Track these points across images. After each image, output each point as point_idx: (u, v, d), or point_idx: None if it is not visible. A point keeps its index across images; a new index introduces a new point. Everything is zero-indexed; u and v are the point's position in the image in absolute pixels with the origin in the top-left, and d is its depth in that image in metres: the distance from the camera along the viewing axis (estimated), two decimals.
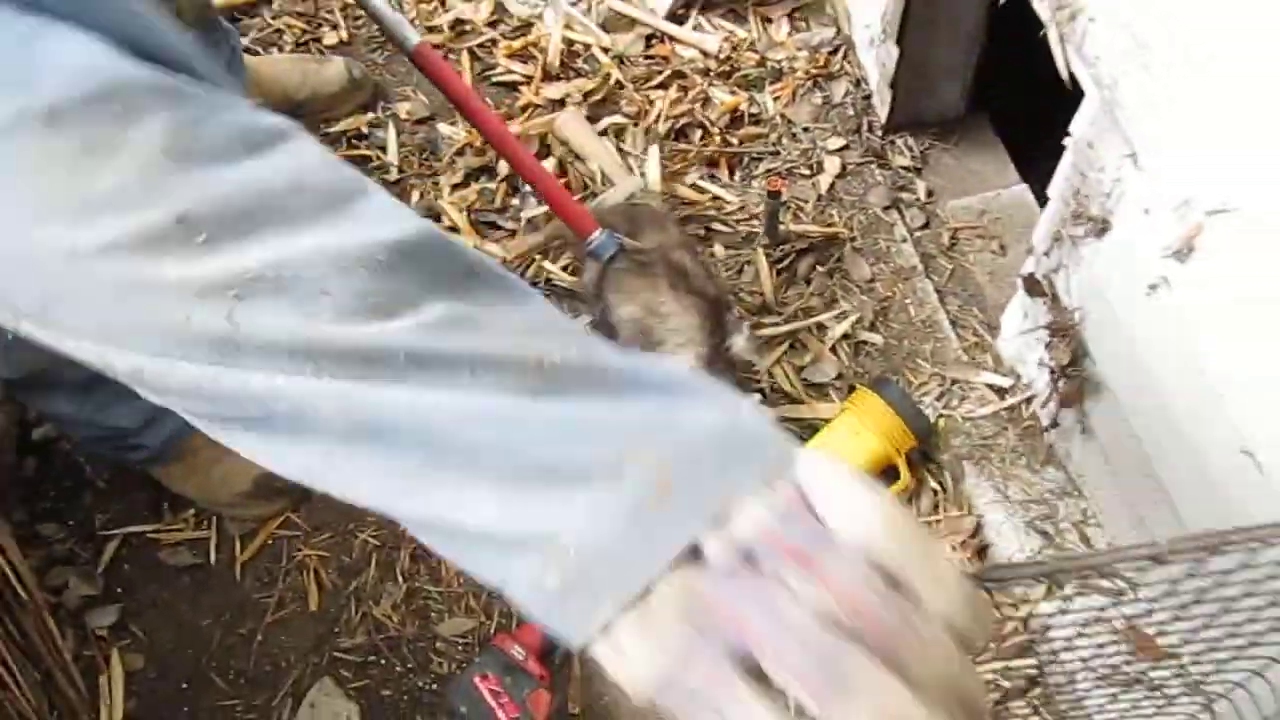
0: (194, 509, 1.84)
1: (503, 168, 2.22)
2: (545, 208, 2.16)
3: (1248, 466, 1.23)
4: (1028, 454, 1.76)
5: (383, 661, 1.69)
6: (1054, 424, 1.72)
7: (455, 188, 2.22)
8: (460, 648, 1.70)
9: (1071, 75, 1.43)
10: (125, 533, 1.81)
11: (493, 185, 2.20)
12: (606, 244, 1.72)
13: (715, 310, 1.74)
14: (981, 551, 1.72)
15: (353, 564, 1.79)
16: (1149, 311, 1.36)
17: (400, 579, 1.77)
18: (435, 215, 2.16)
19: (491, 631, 1.70)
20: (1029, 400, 1.79)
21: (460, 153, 2.25)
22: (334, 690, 1.66)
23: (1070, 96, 1.45)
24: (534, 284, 2.08)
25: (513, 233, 2.16)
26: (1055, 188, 1.54)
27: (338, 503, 0.55)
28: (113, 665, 1.69)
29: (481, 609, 1.73)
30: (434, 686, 1.67)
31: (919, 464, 1.80)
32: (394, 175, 2.25)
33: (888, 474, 1.76)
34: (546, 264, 2.10)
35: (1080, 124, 1.43)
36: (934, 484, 1.79)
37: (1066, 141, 1.47)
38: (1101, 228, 1.43)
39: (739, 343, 1.77)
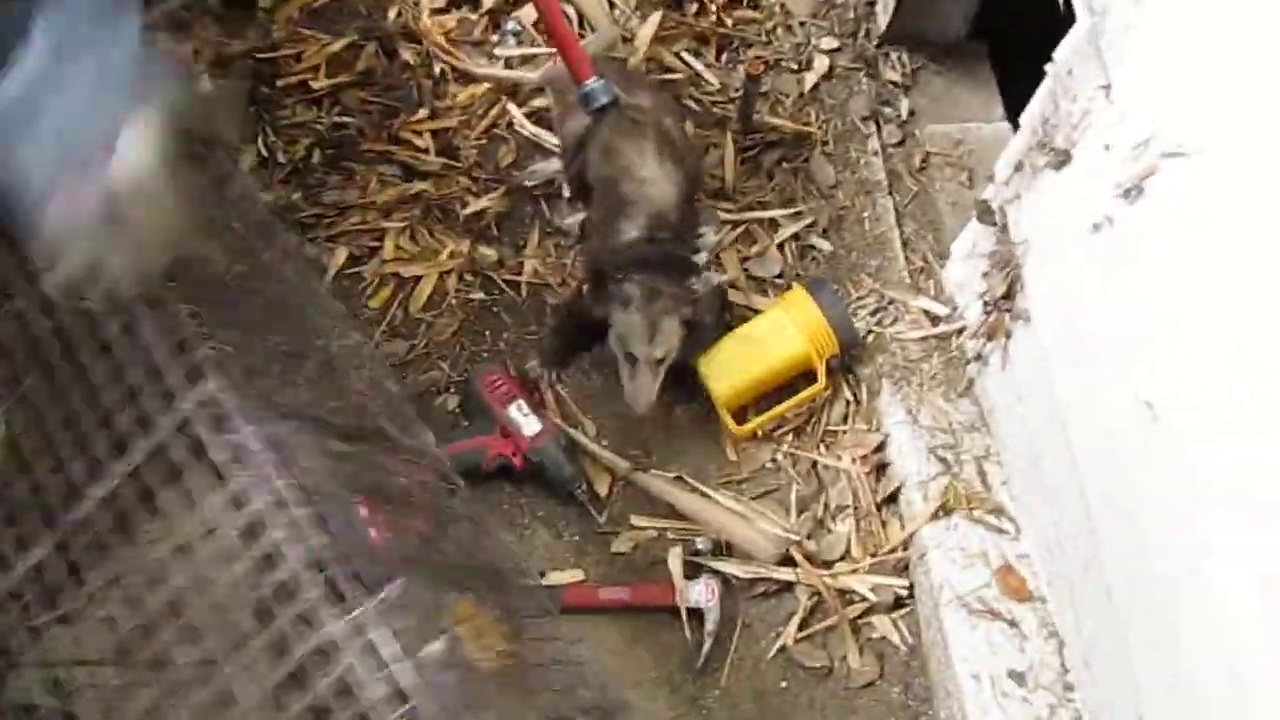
0: None
1: (487, 1, 2.14)
2: (522, 50, 2.10)
3: (1145, 417, 1.23)
4: (947, 383, 1.75)
5: None
6: (978, 357, 1.71)
7: (436, 11, 2.14)
8: None
9: (1068, 2, 1.39)
10: None
11: (474, 16, 2.12)
12: (600, 92, 1.66)
13: (691, 188, 1.71)
14: (881, 469, 1.72)
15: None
16: (1088, 250, 1.34)
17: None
18: (411, 34, 2.08)
19: None
20: (959, 331, 1.78)
21: None
22: None
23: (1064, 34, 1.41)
24: (494, 126, 2.03)
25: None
26: (1027, 115, 1.50)
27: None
28: None
29: None
30: None
31: (838, 372, 1.79)
32: None
33: (806, 376, 1.75)
34: (511, 107, 2.04)
35: (1064, 50, 1.39)
36: (849, 395, 1.78)
37: (1048, 68, 1.43)
38: (1062, 160, 1.40)
39: (709, 236, 1.74)
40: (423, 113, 1.99)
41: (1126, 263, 1.28)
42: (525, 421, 1.67)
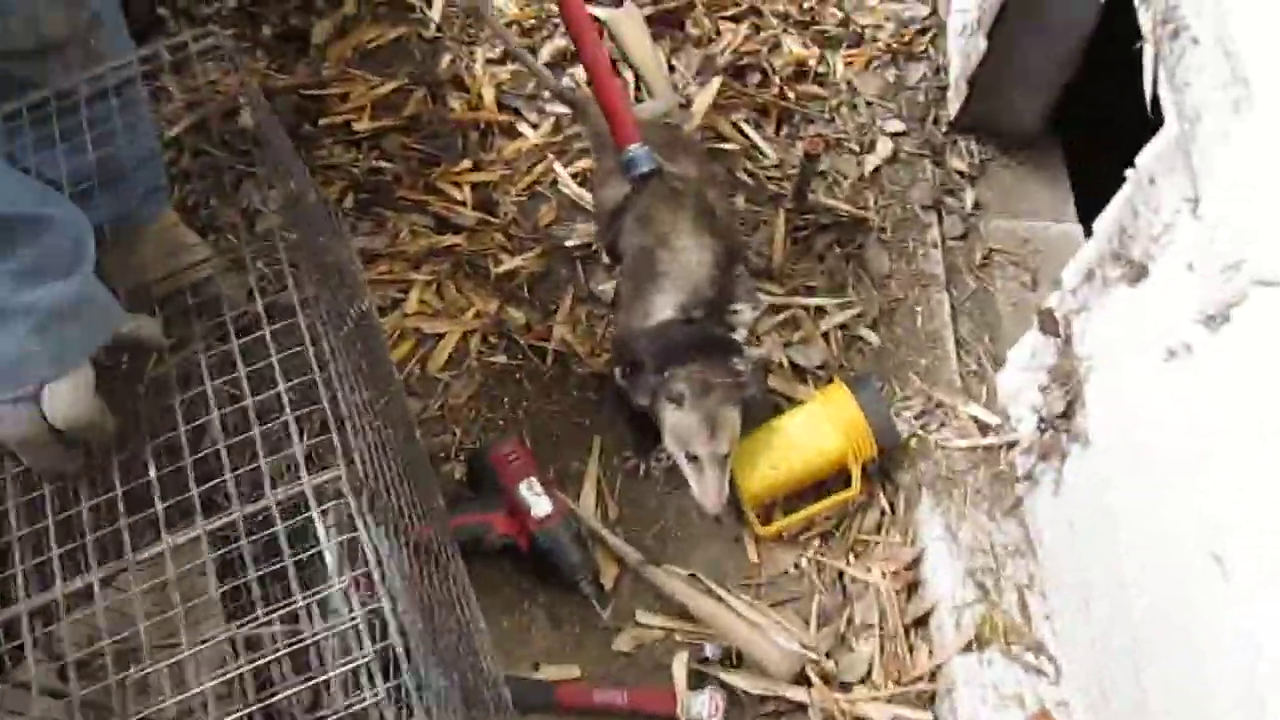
0: None
1: (544, 55, 2.08)
2: (571, 110, 2.03)
3: (1213, 572, 1.09)
4: (992, 500, 1.62)
5: None
6: (1028, 476, 1.58)
7: (490, 62, 2.09)
8: None
9: (1155, 102, 1.27)
10: None
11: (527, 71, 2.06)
12: (643, 160, 1.58)
13: (729, 262, 1.61)
14: (913, 587, 1.58)
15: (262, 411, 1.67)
16: (1160, 378, 1.21)
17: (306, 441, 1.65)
18: (460, 83, 2.03)
19: None
20: (1010, 445, 1.64)
21: (506, 25, 2.11)
22: None
23: (1147, 138, 1.30)
24: (536, 183, 1.95)
25: (535, 124, 2.02)
26: (1103, 221, 1.38)
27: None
28: None
29: None
30: None
31: (875, 478, 1.66)
32: (430, 33, 2.11)
33: (840, 478, 1.63)
34: (557, 166, 1.97)
35: (1148, 156, 1.27)
36: (885, 503, 1.65)
37: (1128, 173, 1.31)
38: (1138, 274, 1.27)
39: (745, 313, 1.64)
40: (465, 164, 1.92)
41: (1203, 396, 1.14)
42: (535, 501, 1.56)
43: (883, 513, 1.65)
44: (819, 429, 1.61)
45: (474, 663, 1.23)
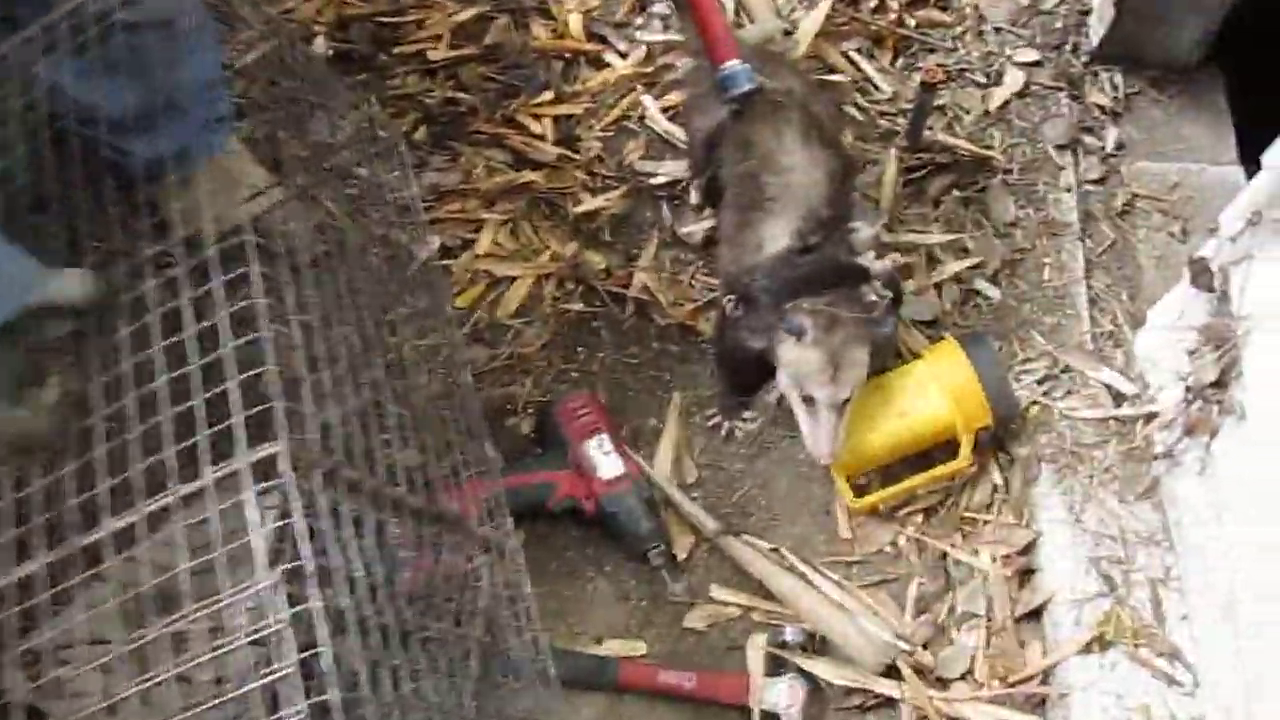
0: None
1: None
2: (668, 36, 1.86)
3: None
4: (1123, 480, 1.41)
5: None
6: (1168, 454, 1.37)
7: None
8: None
9: None
10: None
11: None
12: (741, 78, 1.41)
13: (844, 175, 1.44)
14: (1026, 575, 1.40)
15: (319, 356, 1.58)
16: None
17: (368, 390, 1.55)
18: (546, 10, 1.88)
19: None
20: (1148, 418, 1.43)
21: None
22: None
23: None
24: (624, 118, 1.79)
25: (624, 54, 1.86)
26: (1272, 155, 1.16)
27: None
28: None
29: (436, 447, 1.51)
30: None
31: (988, 449, 1.47)
32: None
33: (948, 448, 1.45)
34: (646, 99, 1.81)
35: None
36: (997, 478, 1.46)
37: None
38: None
39: (864, 231, 1.46)
40: (546, 96, 1.78)
41: None
42: (605, 461, 1.42)
43: (995, 489, 1.46)
44: (926, 391, 1.43)
45: (515, 627, 1.11)
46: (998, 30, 1.86)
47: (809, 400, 1.34)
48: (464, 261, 1.65)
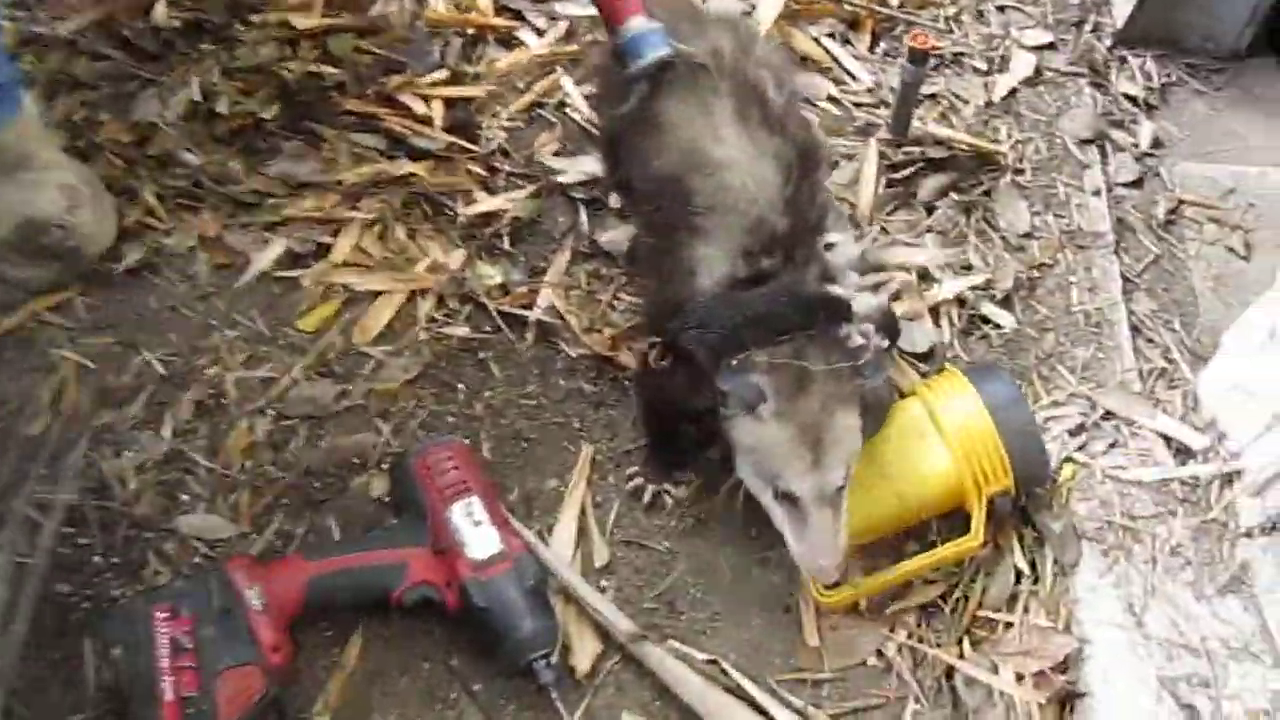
0: None
1: None
2: (591, 10, 1.50)
3: None
4: (1200, 566, 1.02)
5: (82, 540, 1.08)
6: (1265, 531, 0.98)
7: None
8: (202, 555, 1.07)
9: None
10: None
11: None
12: (646, 41, 1.05)
13: (805, 168, 1.02)
14: (1069, 702, 0.99)
15: (118, 389, 1.17)
16: None
17: (170, 433, 1.14)
18: None
19: (249, 553, 1.06)
20: (1227, 479, 1.04)
21: None
22: None
23: None
24: (537, 105, 1.43)
25: (540, 31, 1.51)
26: None
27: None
28: None
29: (252, 513, 1.10)
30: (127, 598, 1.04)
31: (1008, 521, 1.07)
32: None
33: (952, 520, 1.05)
34: (566, 82, 1.45)
35: None
36: (1022, 562, 1.06)
37: None
38: None
39: (845, 246, 1.07)
40: (439, 74, 1.41)
41: None
42: (475, 535, 1.01)
43: (1019, 577, 1.06)
44: (923, 443, 1.03)
45: None
46: (1001, 9, 1.53)
47: (788, 498, 0.94)
48: (316, 271, 1.26)
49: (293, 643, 0.98)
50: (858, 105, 1.44)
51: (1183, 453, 1.09)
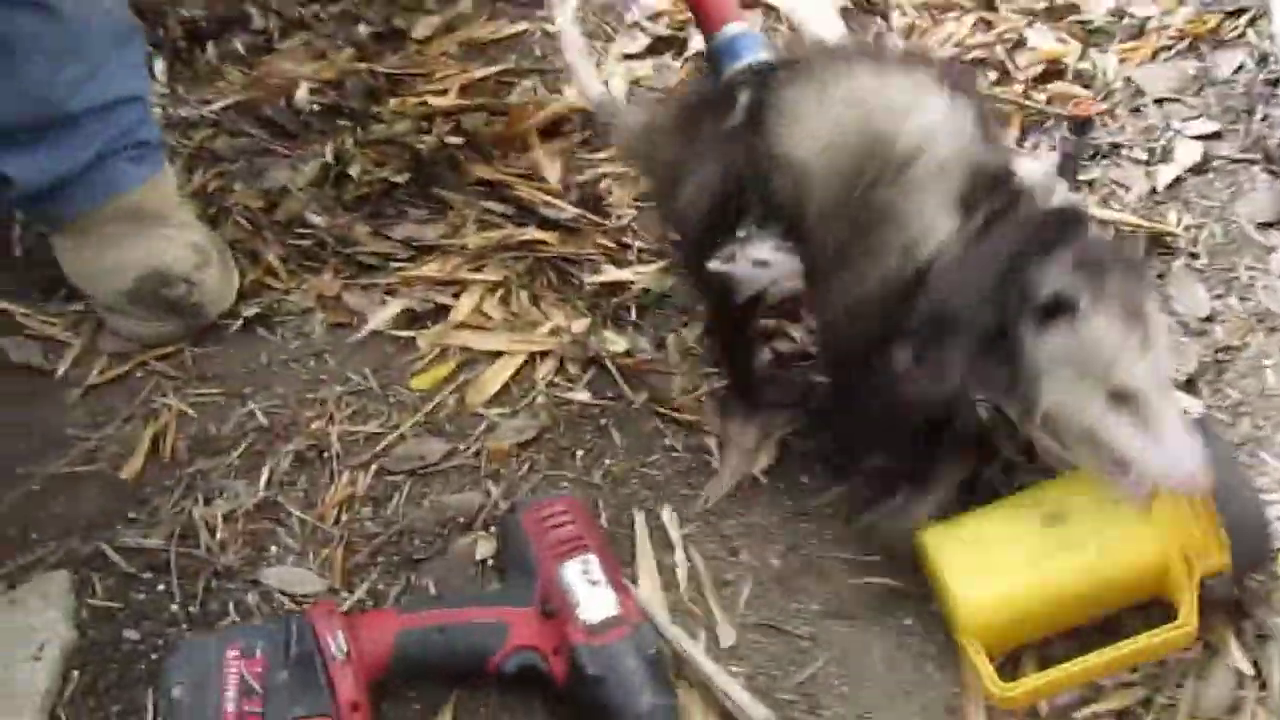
0: (80, 307, 1.24)
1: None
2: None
3: None
4: None
5: (160, 586, 0.99)
6: None
7: (629, 57, 1.59)
8: (286, 611, 0.97)
9: None
10: None
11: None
12: (746, 44, 0.99)
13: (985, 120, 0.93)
14: None
15: (218, 438, 1.11)
16: None
17: (265, 483, 1.06)
18: None
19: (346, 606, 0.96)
20: None
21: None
22: (60, 593, 0.97)
23: None
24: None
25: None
26: None
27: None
28: None
29: (345, 569, 0.99)
30: None
31: (1223, 613, 0.90)
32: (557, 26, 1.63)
33: (1152, 610, 0.88)
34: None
35: None
36: (1241, 659, 0.88)
37: None
38: None
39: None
40: (574, 138, 1.39)
41: None
42: (590, 596, 0.89)
43: (1240, 678, 0.87)
44: (1117, 515, 0.88)
45: None
46: (1159, 102, 1.44)
47: (1119, 398, 0.83)
48: (434, 334, 1.20)
49: (374, 707, 0.86)
50: None
51: None
